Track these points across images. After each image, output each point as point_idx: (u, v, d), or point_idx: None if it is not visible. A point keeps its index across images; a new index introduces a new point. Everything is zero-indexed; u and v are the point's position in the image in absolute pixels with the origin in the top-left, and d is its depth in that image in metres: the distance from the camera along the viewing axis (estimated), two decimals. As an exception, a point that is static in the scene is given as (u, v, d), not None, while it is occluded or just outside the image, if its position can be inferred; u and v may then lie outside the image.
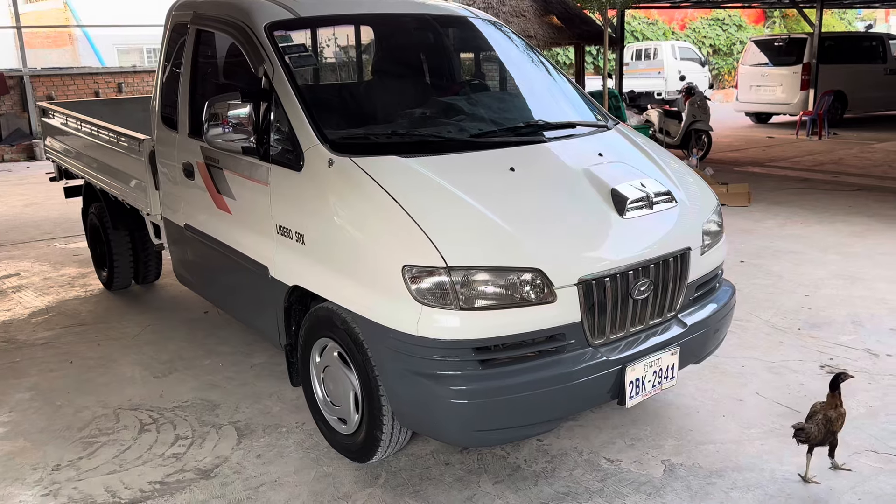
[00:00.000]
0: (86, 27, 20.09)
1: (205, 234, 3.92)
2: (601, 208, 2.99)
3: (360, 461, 3.19)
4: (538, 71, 4.01)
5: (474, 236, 2.76)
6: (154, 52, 22.22)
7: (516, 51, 4.10)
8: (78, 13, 20.95)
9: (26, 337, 4.92)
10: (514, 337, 2.71)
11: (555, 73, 4.06)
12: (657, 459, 3.19)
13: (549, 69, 4.07)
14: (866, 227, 7.05)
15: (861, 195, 8.64)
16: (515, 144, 3.30)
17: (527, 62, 4.05)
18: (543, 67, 4.07)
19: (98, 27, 19.22)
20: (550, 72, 4.06)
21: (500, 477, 3.09)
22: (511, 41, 4.15)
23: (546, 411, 2.79)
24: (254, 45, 3.44)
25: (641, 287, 2.94)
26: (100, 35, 20.66)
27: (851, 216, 7.54)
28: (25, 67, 15.19)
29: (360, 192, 2.88)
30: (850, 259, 6.05)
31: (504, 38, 4.14)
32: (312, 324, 3.26)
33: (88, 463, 3.33)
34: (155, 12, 18.53)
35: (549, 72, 4.05)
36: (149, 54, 22.17)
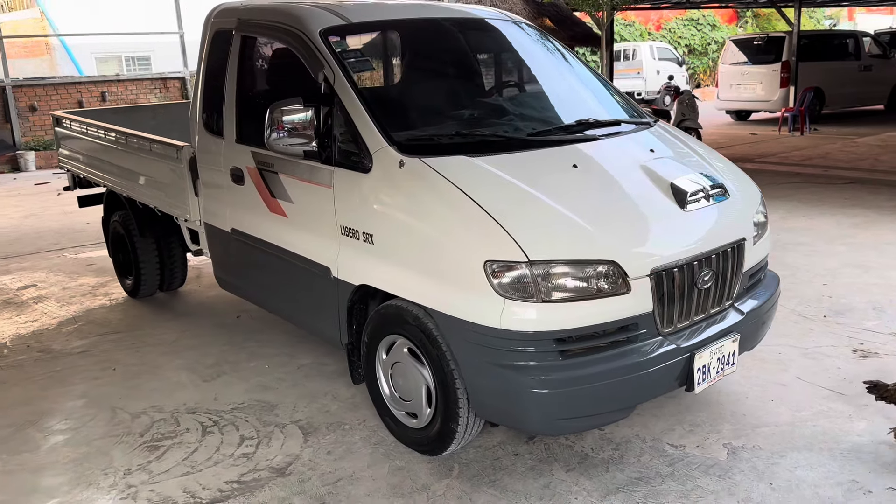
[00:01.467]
0: (63, 36, 19.84)
1: (255, 238, 3.97)
2: (664, 202, 3.11)
3: (433, 454, 3.27)
4: (575, 70, 4.13)
5: (551, 231, 2.86)
6: (133, 61, 22.06)
7: (552, 52, 4.21)
8: (55, 22, 20.68)
9: (61, 346, 4.92)
10: (592, 328, 2.81)
11: (591, 73, 4.18)
12: (718, 443, 3.31)
13: (585, 69, 4.19)
14: (866, 219, 7.28)
15: (854, 188, 8.89)
16: (571, 142, 3.41)
17: (563, 62, 4.16)
18: (580, 67, 4.19)
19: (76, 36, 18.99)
20: (586, 71, 4.18)
21: (571, 465, 3.19)
22: (546, 42, 4.26)
23: (622, 399, 2.90)
24: (311, 51, 3.50)
25: (705, 277, 3.06)
26: (77, 44, 20.44)
27: (849, 208, 7.77)
28: (7, 78, 15.00)
29: (435, 192, 2.97)
30: (858, 249, 6.25)
31: (539, 40, 4.25)
32: (379, 322, 3.34)
33: (159, 466, 3.37)
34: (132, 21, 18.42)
35: (586, 71, 4.17)
36: (127, 62, 21.99)
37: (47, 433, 3.73)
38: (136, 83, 16.54)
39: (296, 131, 3.36)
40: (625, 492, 2.99)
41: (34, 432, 3.75)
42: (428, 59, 3.90)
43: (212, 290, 5.97)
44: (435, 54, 3.93)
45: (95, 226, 8.55)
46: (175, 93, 16.92)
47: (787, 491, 2.95)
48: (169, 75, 16.88)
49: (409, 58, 3.85)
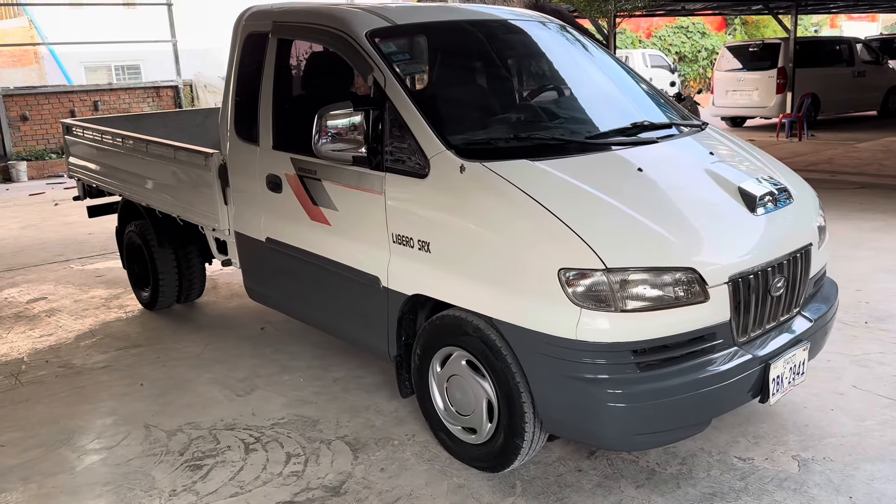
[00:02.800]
0: (53, 45, 19.58)
1: (294, 248, 3.84)
2: (734, 207, 3.01)
3: (493, 471, 3.14)
4: (620, 73, 4.04)
5: (626, 237, 2.75)
6: (123, 70, 21.83)
7: (595, 54, 4.11)
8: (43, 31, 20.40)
9: (81, 361, 4.74)
10: (670, 338, 2.70)
11: (634, 76, 4.10)
12: (787, 455, 3.21)
13: (628, 71, 4.10)
14: (885, 223, 7.23)
15: (865, 193, 8.87)
16: (630, 145, 3.31)
17: (607, 65, 4.06)
18: (623, 70, 4.10)
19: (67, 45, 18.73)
20: (630, 74, 4.09)
21: (639, 481, 3.08)
22: (588, 45, 4.17)
23: (701, 412, 2.79)
24: (358, 54, 3.38)
25: (777, 284, 2.96)
26: (66, 53, 20.19)
27: (866, 213, 7.73)
28: (-1, 86, 14.76)
29: (502, 198, 2.85)
30: (884, 254, 6.19)
31: (581, 43, 4.16)
32: (434, 333, 3.22)
33: (205, 486, 3.22)
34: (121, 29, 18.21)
35: (629, 74, 4.08)
36: (117, 71, 21.75)
37: (80, 453, 3.57)
38: (129, 92, 16.32)
39: (340, 136, 3.23)
40: (701, 508, 2.88)
41: (66, 452, 3.58)
42: (475, 61, 3.79)
43: (231, 302, 5.82)
44: (482, 57, 3.82)
45: (99, 237, 8.41)
46: (168, 101, 16.72)
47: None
48: (162, 84, 16.68)
49: (456, 60, 3.74)
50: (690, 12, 18.93)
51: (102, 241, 8.20)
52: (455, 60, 3.74)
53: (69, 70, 20.65)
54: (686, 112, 3.98)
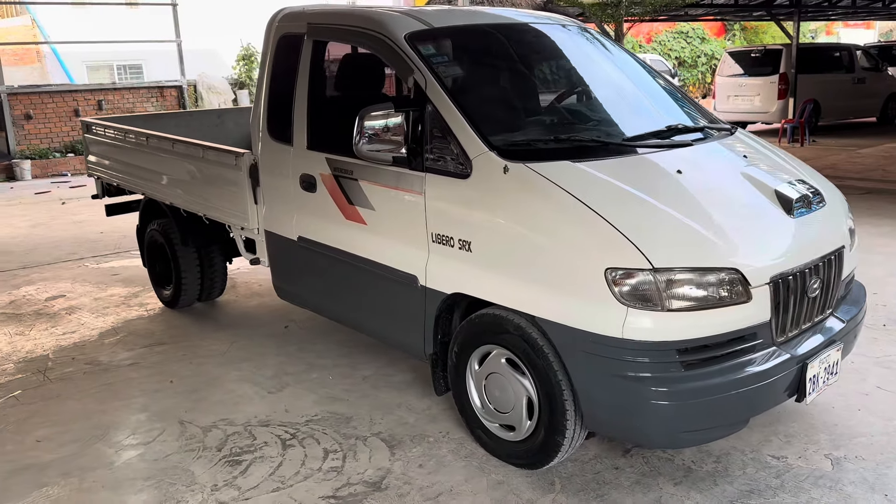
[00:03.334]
0: (57, 44, 19.55)
1: (328, 247, 3.88)
2: (772, 209, 3.07)
3: (532, 468, 3.19)
4: (649, 77, 4.10)
5: (670, 237, 2.81)
6: (125, 69, 21.82)
7: (624, 57, 4.17)
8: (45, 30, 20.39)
9: (108, 358, 4.77)
10: (714, 338, 2.75)
11: (660, 78, 4.16)
12: (819, 454, 3.27)
13: (653, 74, 4.16)
14: (893, 228, 7.31)
15: (871, 198, 8.95)
16: (666, 147, 3.36)
17: (637, 68, 4.12)
18: (651, 74, 4.15)
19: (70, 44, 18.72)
20: (656, 77, 4.15)
21: (677, 478, 3.13)
22: (616, 48, 4.23)
23: (742, 411, 2.85)
24: (398, 56, 3.43)
25: (813, 285, 3.02)
26: (68, 52, 20.17)
27: (873, 218, 7.80)
28: (2, 85, 14.73)
29: (547, 199, 2.90)
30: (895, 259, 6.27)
31: (610, 46, 4.22)
32: (472, 331, 3.26)
33: (245, 482, 3.25)
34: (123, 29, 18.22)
35: (655, 77, 4.14)
36: (119, 71, 21.74)
37: (117, 448, 3.60)
38: (133, 91, 16.32)
39: (380, 137, 3.28)
40: (739, 505, 2.93)
41: (103, 447, 3.62)
42: (510, 63, 3.84)
43: (251, 300, 5.85)
44: (515, 59, 3.87)
45: (111, 235, 8.44)
46: (172, 101, 16.72)
47: (905, 502, 2.91)
48: (166, 84, 16.67)
49: (491, 62, 3.79)
50: (694, 18, 19.04)
51: (115, 240, 8.23)
52: (490, 63, 3.79)
53: (71, 69, 20.64)
54: (714, 116, 4.04)
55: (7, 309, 5.87)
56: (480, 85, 3.62)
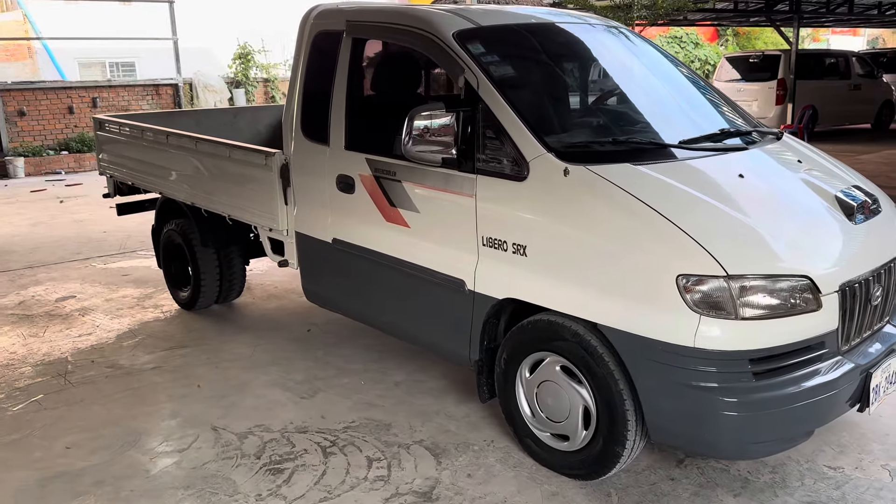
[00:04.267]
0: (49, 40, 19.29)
1: (365, 249, 3.79)
2: (834, 215, 3.02)
3: (587, 478, 3.11)
4: (694, 80, 4.04)
5: (741, 243, 2.74)
6: (117, 67, 21.58)
7: (668, 60, 4.12)
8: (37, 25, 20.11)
9: (129, 362, 4.65)
10: (784, 346, 2.69)
11: (703, 81, 4.10)
12: (875, 465, 3.22)
13: (697, 79, 4.11)
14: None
15: (880, 204, 8.97)
16: (721, 151, 3.30)
17: (681, 71, 4.07)
18: (695, 77, 4.10)
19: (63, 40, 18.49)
20: (701, 81, 4.09)
21: (735, 490, 3.06)
22: (659, 50, 4.17)
23: (810, 421, 2.79)
24: (448, 56, 3.35)
25: (876, 292, 2.97)
26: (60, 48, 19.90)
27: (886, 224, 7.81)
28: (-4, 81, 14.51)
29: (612, 202, 2.83)
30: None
31: (652, 48, 4.16)
32: (524, 338, 3.19)
33: (291, 491, 3.16)
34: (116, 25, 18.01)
35: (701, 81, 4.09)
36: (111, 68, 21.50)
37: (151, 455, 3.49)
38: (128, 89, 16.11)
39: (429, 138, 3.19)
40: (804, 517, 2.87)
41: (137, 454, 3.50)
42: (559, 63, 3.78)
43: (269, 303, 5.74)
44: (564, 58, 3.81)
45: (115, 235, 8.29)
46: (167, 99, 16.53)
47: (972, 515, 2.86)
48: (161, 81, 16.48)
49: (540, 62, 3.71)
50: (692, 22, 19.09)
51: (119, 240, 8.08)
52: (538, 62, 3.71)
53: (63, 66, 20.36)
54: (757, 120, 3.99)
55: (17, 310, 5.72)
56: (532, 85, 3.54)
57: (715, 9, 15.83)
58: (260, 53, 17.82)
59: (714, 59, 25.69)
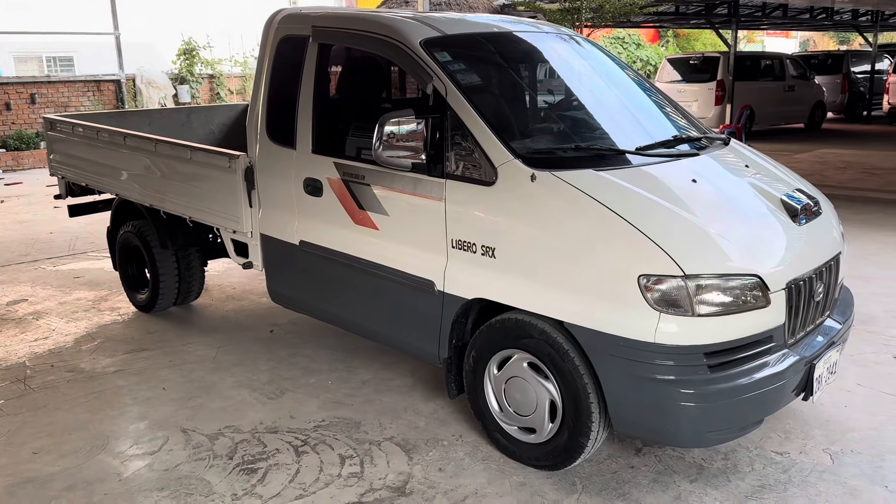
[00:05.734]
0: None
1: (334, 251, 3.86)
2: (780, 217, 3.22)
3: (553, 469, 3.26)
4: (647, 87, 4.23)
5: (696, 245, 2.92)
6: (55, 61, 21.00)
7: (623, 68, 4.29)
8: (-31, 18, 19.40)
9: (89, 365, 4.62)
10: (737, 341, 2.88)
11: (654, 88, 4.30)
12: (818, 449, 3.45)
13: (650, 86, 4.30)
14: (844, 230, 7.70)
15: (814, 202, 9.40)
16: (675, 157, 3.49)
17: (635, 79, 4.25)
18: (645, 84, 4.29)
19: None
20: (653, 88, 4.28)
21: (691, 476, 3.25)
22: (614, 59, 4.35)
23: (761, 410, 2.98)
24: (416, 63, 3.45)
25: (818, 289, 3.19)
26: (-6, 42, 19.26)
27: (820, 221, 8.20)
28: (-74, 76, 13.97)
29: (577, 207, 2.97)
30: (848, 261, 6.58)
31: (608, 57, 4.33)
32: (492, 336, 3.31)
33: (266, 490, 3.22)
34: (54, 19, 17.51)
35: (652, 88, 4.28)
36: (48, 62, 20.90)
37: (122, 459, 3.51)
38: (68, 85, 15.72)
39: (399, 143, 3.29)
40: (755, 500, 3.07)
41: (107, 458, 3.52)
42: (522, 71, 3.91)
43: (228, 304, 5.75)
44: (527, 67, 3.94)
45: (62, 236, 8.15)
46: (109, 96, 16.19)
47: (905, 493, 3.11)
48: (103, 77, 16.12)
49: (503, 70, 3.84)
50: (637, 24, 19.54)
51: (67, 241, 7.95)
52: (503, 70, 3.84)
53: (-4, 60, 19.70)
54: (705, 126, 4.20)
55: (-33, 314, 5.61)
56: (498, 92, 3.67)
57: (658, 12, 16.27)
58: (205, 49, 17.58)
59: (655, 59, 26.32)
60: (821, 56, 21.29)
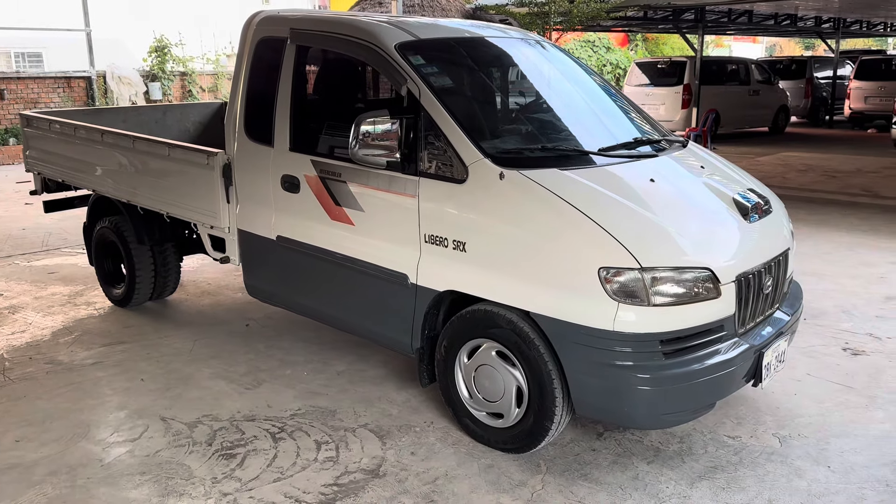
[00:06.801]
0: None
1: (310, 246, 4.01)
2: (732, 215, 3.44)
3: (519, 451, 3.44)
4: (610, 91, 4.43)
5: (653, 240, 3.12)
6: (23, 57, 20.76)
7: (588, 72, 4.49)
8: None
9: (68, 358, 4.71)
10: (689, 329, 3.08)
11: (620, 94, 4.50)
12: (768, 433, 3.67)
13: (614, 90, 4.51)
14: (795, 230, 8.01)
15: (774, 203, 9.72)
16: (636, 157, 3.69)
17: (599, 83, 4.45)
18: (609, 88, 4.50)
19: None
20: (616, 93, 4.49)
21: (648, 458, 3.46)
22: (580, 64, 4.55)
23: (713, 394, 3.19)
24: (391, 66, 3.61)
25: (767, 283, 3.41)
26: (-41, 37, 19.00)
27: (779, 222, 8.51)
28: None
29: (543, 204, 3.16)
30: (803, 260, 6.89)
31: (571, 60, 4.53)
32: (463, 326, 3.49)
33: (245, 473, 3.36)
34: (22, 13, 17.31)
35: (616, 93, 4.49)
36: (17, 59, 20.66)
37: (104, 446, 3.62)
38: (38, 81, 15.61)
39: (374, 142, 3.44)
40: (707, 479, 3.28)
41: (89, 445, 3.62)
42: (492, 74, 4.09)
43: (203, 299, 5.86)
44: (497, 70, 4.12)
45: (35, 232, 8.17)
46: (80, 93, 16.10)
47: (845, 473, 3.33)
48: (73, 74, 16.03)
49: (475, 73, 4.02)
50: (606, 28, 19.87)
51: (40, 237, 7.97)
52: (473, 73, 4.02)
53: (-38, 55, 19.45)
54: (666, 129, 4.42)
55: (-58, 308, 5.64)
56: (469, 95, 3.84)
57: (626, 17, 16.59)
58: (177, 47, 17.54)
59: (624, 63, 26.74)
60: (785, 61, 21.82)
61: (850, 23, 21.93)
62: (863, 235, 7.81)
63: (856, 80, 19.45)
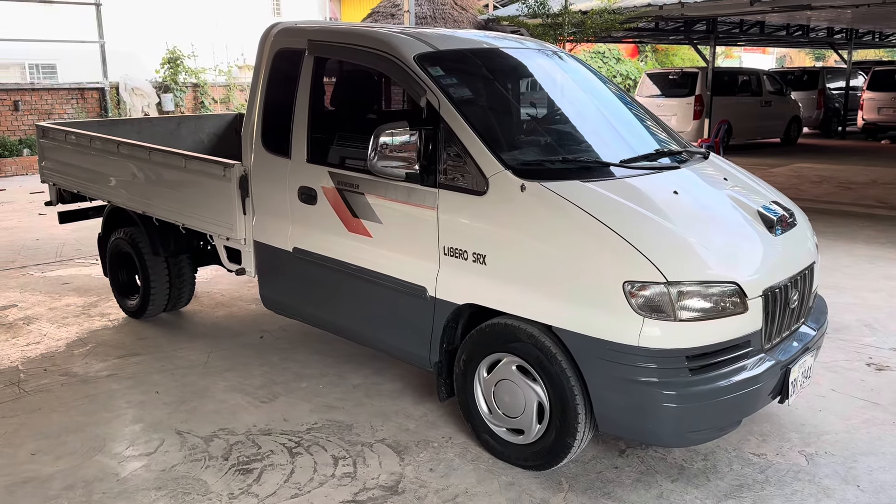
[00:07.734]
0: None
1: (327, 258, 3.97)
2: (757, 228, 3.38)
3: (541, 469, 3.38)
4: (629, 103, 4.39)
5: (678, 253, 3.06)
6: (37, 69, 20.92)
7: (607, 83, 4.46)
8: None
9: (83, 370, 4.68)
10: (716, 345, 3.03)
11: (635, 104, 4.46)
12: (794, 451, 3.60)
13: (633, 101, 4.46)
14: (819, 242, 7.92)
15: (790, 215, 9.64)
16: (658, 169, 3.64)
17: (618, 94, 4.41)
18: (627, 98, 4.45)
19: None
20: (635, 103, 4.45)
21: (673, 476, 3.39)
22: (598, 75, 4.51)
23: (739, 411, 3.13)
24: (410, 77, 3.58)
25: (793, 297, 3.35)
26: (-26, 48, 19.16)
27: (796, 234, 8.43)
28: None
29: (565, 216, 3.11)
30: (823, 272, 6.80)
31: (594, 73, 4.50)
32: (482, 340, 3.43)
33: (262, 489, 3.31)
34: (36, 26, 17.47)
35: (635, 103, 4.44)
36: (31, 70, 20.82)
37: (119, 460, 3.58)
38: (52, 92, 15.70)
39: (393, 154, 3.41)
40: (734, 498, 3.21)
41: (104, 459, 3.59)
42: (512, 85, 4.06)
43: (217, 311, 5.83)
44: (515, 81, 4.09)
45: (49, 243, 8.17)
46: (93, 104, 16.18)
47: (875, 492, 3.26)
48: (87, 85, 16.13)
49: (494, 84, 3.99)
50: (618, 39, 19.85)
51: (54, 248, 7.97)
52: (493, 85, 3.99)
53: (-23, 67, 19.61)
54: (685, 140, 4.37)
55: (-43, 319, 5.64)
56: (488, 106, 3.81)
57: (638, 28, 16.57)
58: (190, 58, 17.63)
59: (635, 74, 26.70)
60: (797, 72, 21.73)
61: (862, 33, 21.82)
62: (881, 248, 7.72)
63: (869, 90, 19.34)
